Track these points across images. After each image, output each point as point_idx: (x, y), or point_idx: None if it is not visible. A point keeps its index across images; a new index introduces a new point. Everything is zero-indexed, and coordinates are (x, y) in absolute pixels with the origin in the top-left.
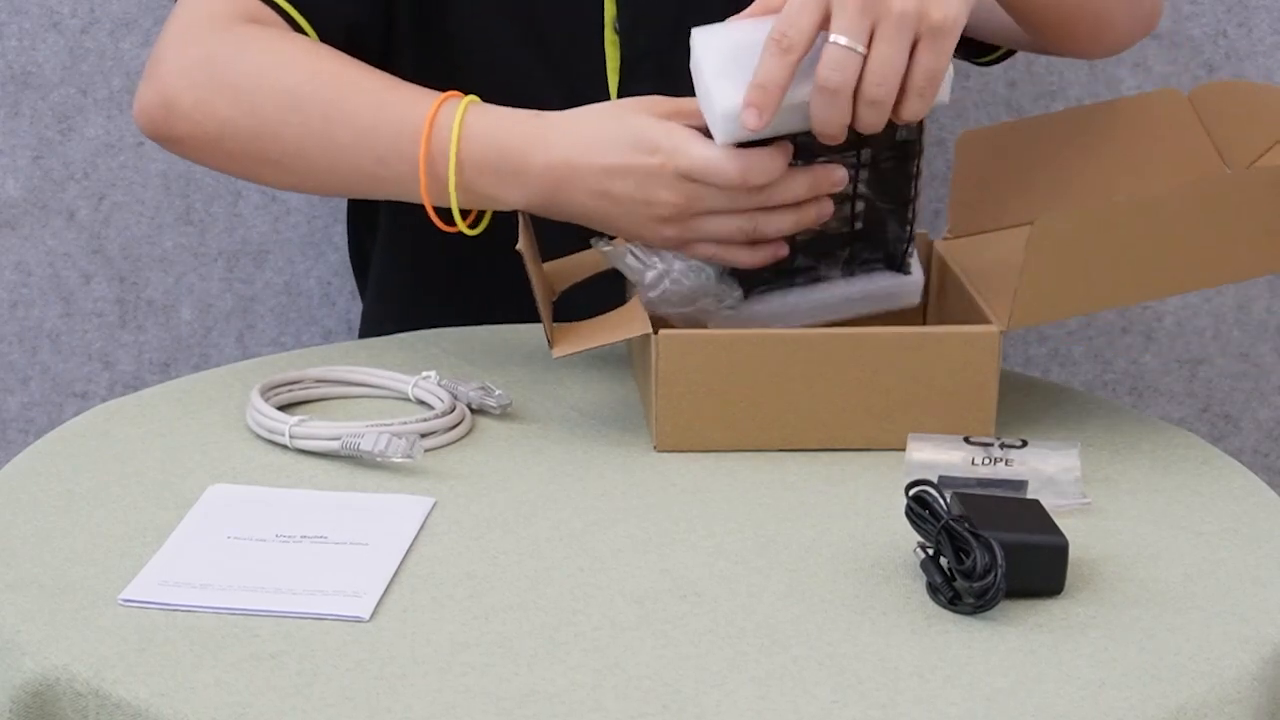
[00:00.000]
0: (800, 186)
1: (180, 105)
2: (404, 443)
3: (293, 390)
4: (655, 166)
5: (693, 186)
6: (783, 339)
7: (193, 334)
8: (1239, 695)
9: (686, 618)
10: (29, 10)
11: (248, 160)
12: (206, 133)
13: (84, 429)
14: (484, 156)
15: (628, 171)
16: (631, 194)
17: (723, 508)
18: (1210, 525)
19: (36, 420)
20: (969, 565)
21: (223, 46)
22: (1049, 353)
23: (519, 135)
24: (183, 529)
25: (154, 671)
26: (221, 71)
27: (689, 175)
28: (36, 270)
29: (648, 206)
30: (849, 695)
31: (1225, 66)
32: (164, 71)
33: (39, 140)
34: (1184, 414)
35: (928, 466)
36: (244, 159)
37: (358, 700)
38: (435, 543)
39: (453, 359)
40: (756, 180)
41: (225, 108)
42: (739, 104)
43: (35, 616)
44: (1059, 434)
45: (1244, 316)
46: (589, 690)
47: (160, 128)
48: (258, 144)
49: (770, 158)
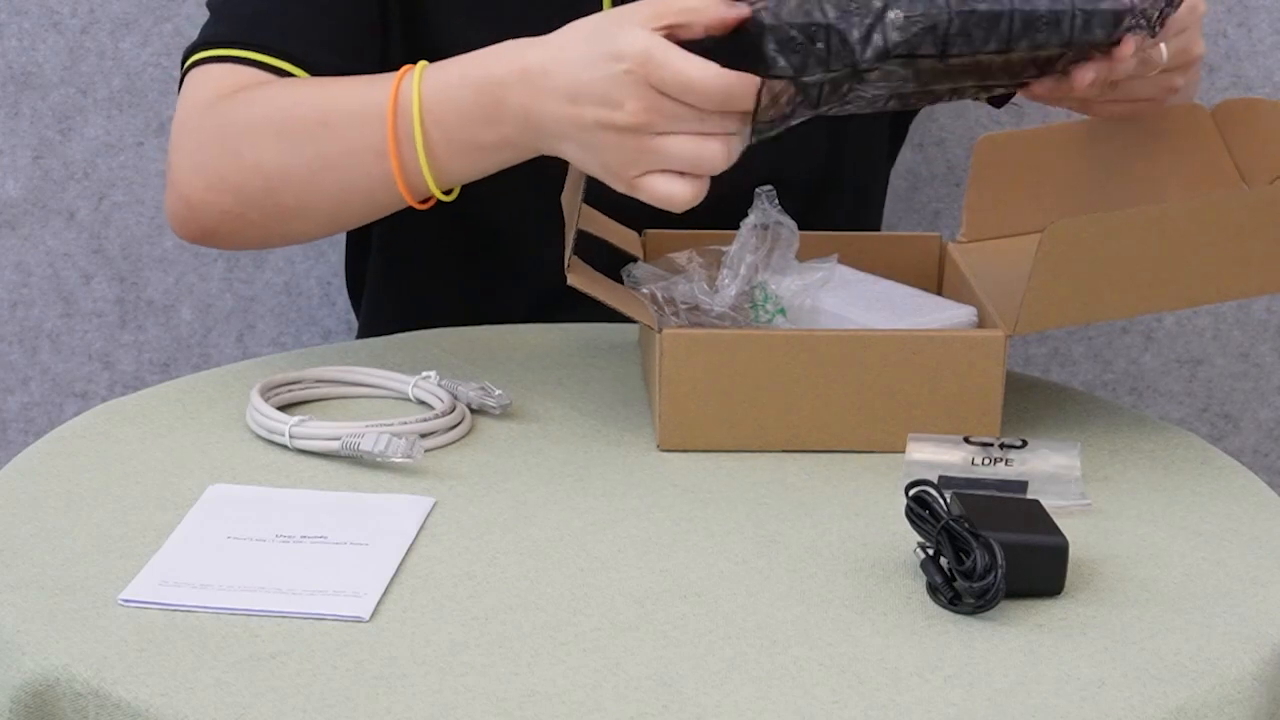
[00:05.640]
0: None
1: (196, 197)
2: (404, 443)
3: (293, 390)
4: (627, 71)
5: (662, 100)
6: (788, 339)
7: (193, 334)
8: (1239, 695)
9: (686, 618)
10: (29, 10)
11: (275, 221)
12: (228, 212)
13: (84, 429)
14: (460, 99)
15: (599, 74)
16: (599, 97)
17: (723, 508)
18: (1210, 525)
19: (36, 420)
20: (969, 565)
21: (217, 124)
22: (1049, 353)
23: (493, 62)
24: (183, 529)
25: (154, 671)
26: (220, 147)
27: (662, 88)
28: (36, 270)
29: (610, 111)
30: (849, 695)
31: (1225, 66)
32: (175, 171)
33: (39, 140)
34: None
35: (928, 466)
36: (272, 221)
37: (358, 700)
38: (435, 543)
39: (453, 359)
40: (739, 104)
41: (234, 177)
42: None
43: (35, 616)
44: (1059, 434)
45: (1244, 316)
46: (589, 690)
47: (190, 227)
48: (274, 198)
49: (755, 83)
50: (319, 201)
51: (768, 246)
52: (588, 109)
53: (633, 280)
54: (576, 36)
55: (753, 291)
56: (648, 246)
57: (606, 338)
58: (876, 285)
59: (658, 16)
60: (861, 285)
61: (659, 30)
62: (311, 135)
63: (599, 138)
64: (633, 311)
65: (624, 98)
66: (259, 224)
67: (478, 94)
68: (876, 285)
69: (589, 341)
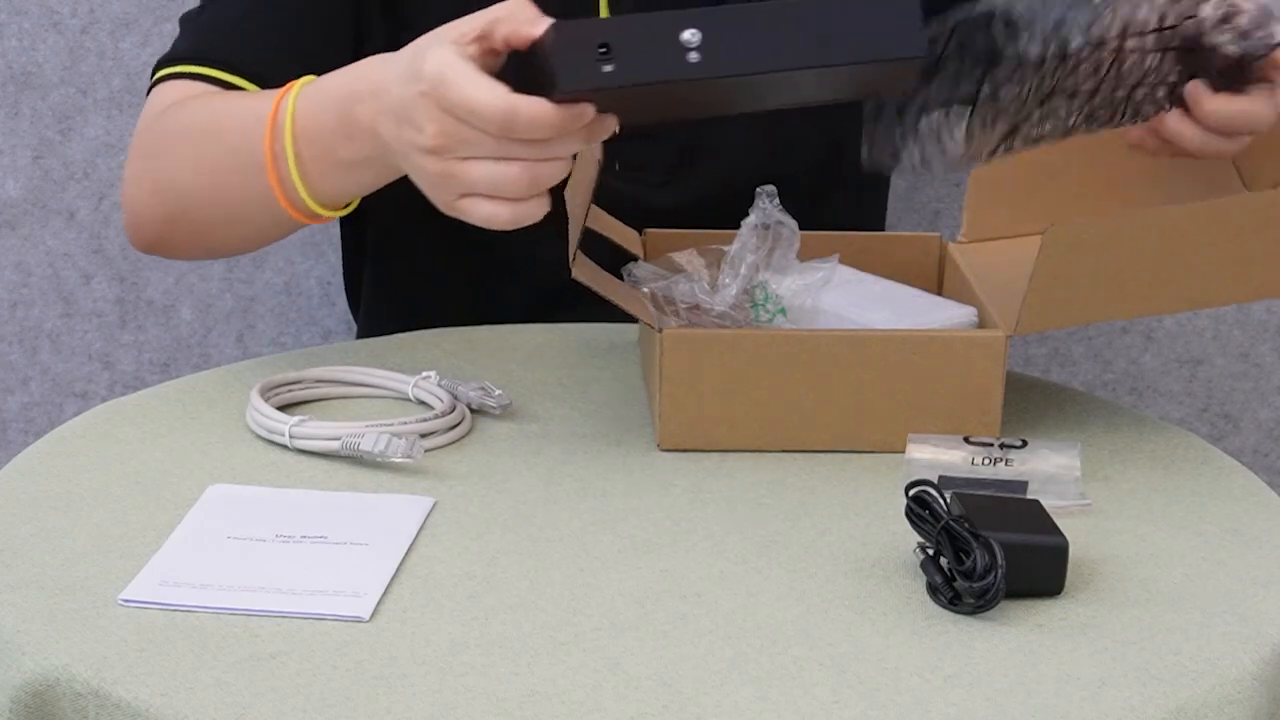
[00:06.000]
0: (576, 140)
1: (137, 209)
2: (404, 443)
3: (293, 390)
4: (422, 94)
5: (454, 123)
6: (788, 339)
7: (193, 334)
8: (1239, 695)
9: (686, 618)
10: (29, 10)
11: (198, 233)
12: (164, 223)
13: (84, 429)
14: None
15: (405, 94)
16: (406, 119)
17: (723, 508)
18: (1210, 525)
19: (36, 420)
20: (969, 565)
21: (150, 139)
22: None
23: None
24: (183, 529)
25: (154, 671)
26: (151, 162)
27: (452, 111)
28: (36, 270)
29: (414, 132)
30: (849, 695)
31: None
32: (123, 185)
33: (39, 140)
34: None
35: (928, 466)
36: (196, 233)
37: (358, 700)
38: (435, 543)
39: (453, 359)
40: (521, 129)
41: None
42: None
43: (35, 616)
44: (1059, 434)
45: (1244, 317)
46: (589, 690)
47: (142, 240)
48: (191, 212)
49: (542, 107)
50: (224, 215)
51: (768, 246)
52: (405, 130)
53: (633, 279)
54: (405, 54)
55: (753, 291)
56: (648, 245)
57: (606, 338)
58: (877, 285)
59: (467, 32)
60: (862, 285)
61: (471, 44)
62: (211, 150)
63: (414, 160)
64: (634, 309)
65: (423, 120)
66: (189, 236)
67: (337, 111)
68: (877, 285)
69: (589, 341)
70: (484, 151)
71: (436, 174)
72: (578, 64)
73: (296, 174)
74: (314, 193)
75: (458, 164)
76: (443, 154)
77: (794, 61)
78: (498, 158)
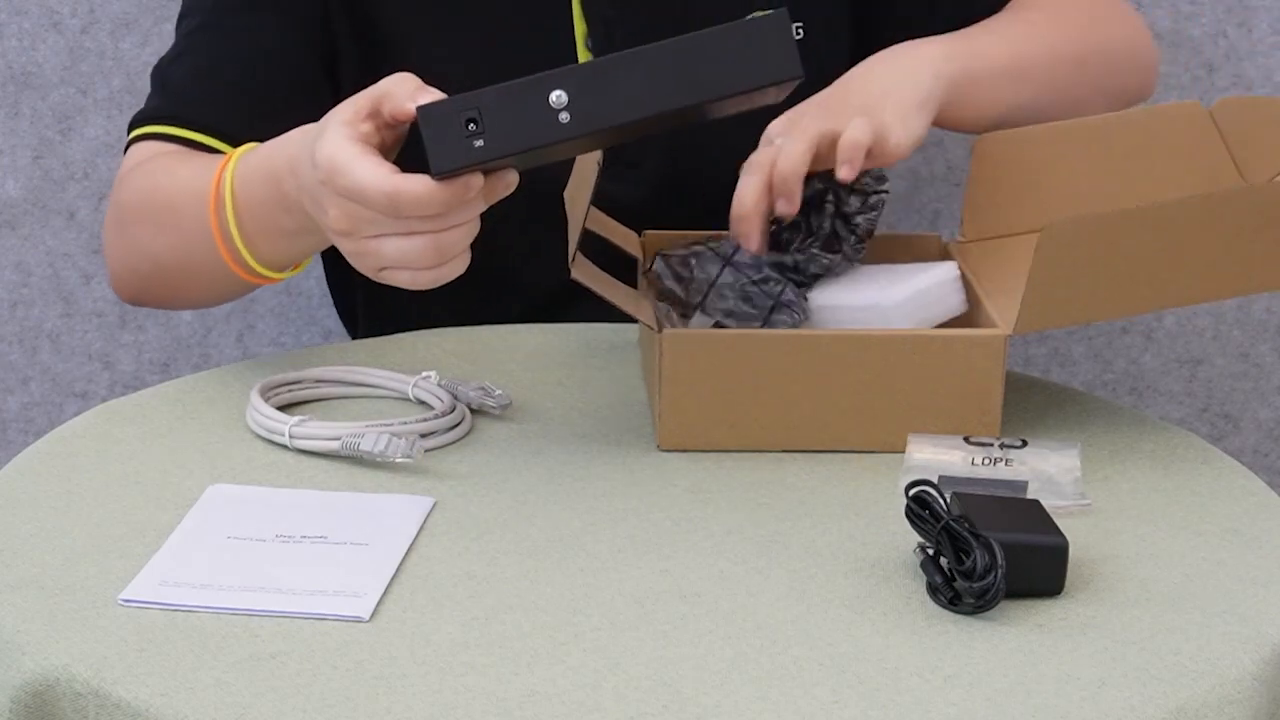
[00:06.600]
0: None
1: (116, 269)
2: (404, 443)
3: (293, 390)
4: (321, 182)
5: (354, 207)
6: (788, 339)
7: (193, 334)
8: (1239, 695)
9: (686, 618)
10: (29, 10)
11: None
12: (140, 283)
13: (84, 429)
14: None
15: (308, 180)
16: (314, 202)
17: (723, 508)
18: (1210, 525)
19: (36, 420)
20: (969, 565)
21: (115, 203)
22: (1049, 353)
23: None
24: (183, 529)
25: (154, 671)
26: (119, 229)
27: (347, 196)
28: (36, 270)
29: (322, 214)
30: (849, 695)
31: (1225, 66)
32: (104, 246)
33: (39, 140)
34: (1184, 414)
35: (928, 466)
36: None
37: (358, 700)
38: (435, 543)
39: (453, 359)
40: (408, 210)
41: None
42: None
43: (35, 616)
44: (1059, 434)
45: (1244, 316)
46: (589, 690)
47: (125, 296)
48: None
49: (426, 187)
50: (193, 280)
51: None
52: (317, 211)
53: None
54: (313, 132)
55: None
56: (647, 247)
57: (606, 338)
58: (857, 270)
59: (360, 109)
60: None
61: (364, 121)
62: (171, 223)
63: (331, 237)
64: (633, 309)
65: (327, 205)
66: (166, 295)
67: (266, 183)
68: (857, 270)
69: (589, 341)
70: (386, 229)
71: (350, 253)
72: (449, 143)
73: (243, 246)
74: (263, 261)
75: (366, 242)
76: (351, 235)
77: (666, 105)
78: (401, 234)
